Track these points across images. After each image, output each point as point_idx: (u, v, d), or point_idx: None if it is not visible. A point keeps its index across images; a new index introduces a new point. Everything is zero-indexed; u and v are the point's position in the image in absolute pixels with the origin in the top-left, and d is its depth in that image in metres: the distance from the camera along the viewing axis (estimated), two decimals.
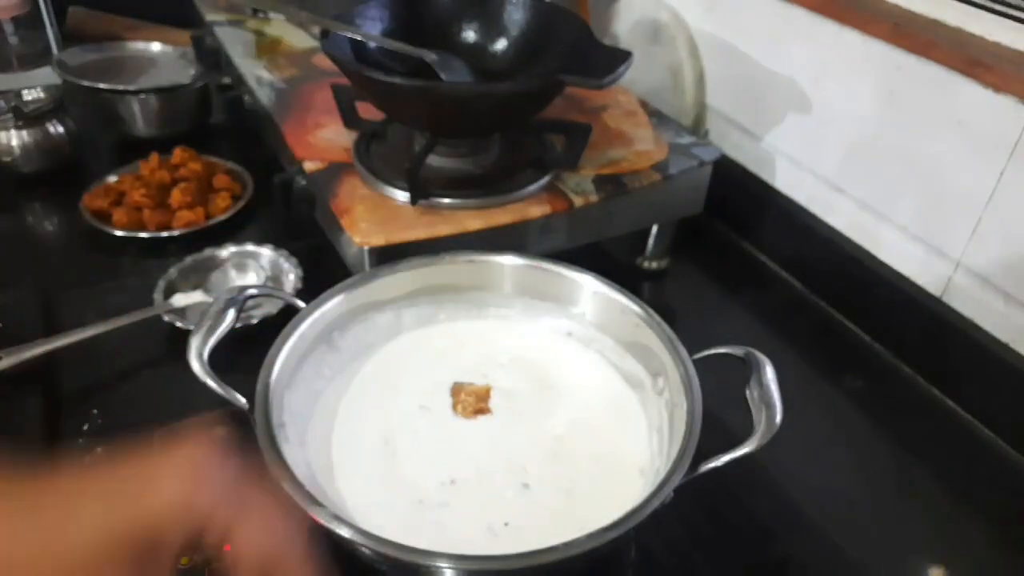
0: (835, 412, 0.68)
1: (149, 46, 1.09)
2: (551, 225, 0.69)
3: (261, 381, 0.48)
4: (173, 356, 0.68)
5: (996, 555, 0.57)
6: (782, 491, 0.60)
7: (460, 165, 0.71)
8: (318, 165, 0.71)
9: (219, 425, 0.61)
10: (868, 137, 0.72)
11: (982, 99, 0.61)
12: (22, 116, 0.89)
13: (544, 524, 0.47)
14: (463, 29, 0.76)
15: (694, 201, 0.78)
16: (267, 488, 0.35)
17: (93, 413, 0.62)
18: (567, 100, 0.84)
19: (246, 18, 1.01)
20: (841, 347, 0.75)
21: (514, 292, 0.60)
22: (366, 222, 0.63)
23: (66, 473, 0.33)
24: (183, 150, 0.90)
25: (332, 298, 0.55)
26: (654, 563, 0.54)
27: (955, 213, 0.66)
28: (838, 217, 0.78)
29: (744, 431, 0.46)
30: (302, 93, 0.83)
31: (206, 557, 0.49)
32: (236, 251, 0.78)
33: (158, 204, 0.84)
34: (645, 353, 0.55)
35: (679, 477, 0.43)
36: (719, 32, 0.86)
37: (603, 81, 0.59)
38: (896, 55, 0.67)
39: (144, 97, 0.96)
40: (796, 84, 0.78)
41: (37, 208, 0.90)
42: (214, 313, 0.51)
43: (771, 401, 0.47)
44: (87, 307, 0.73)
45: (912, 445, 0.64)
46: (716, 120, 0.91)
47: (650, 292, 0.81)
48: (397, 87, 0.61)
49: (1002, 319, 0.65)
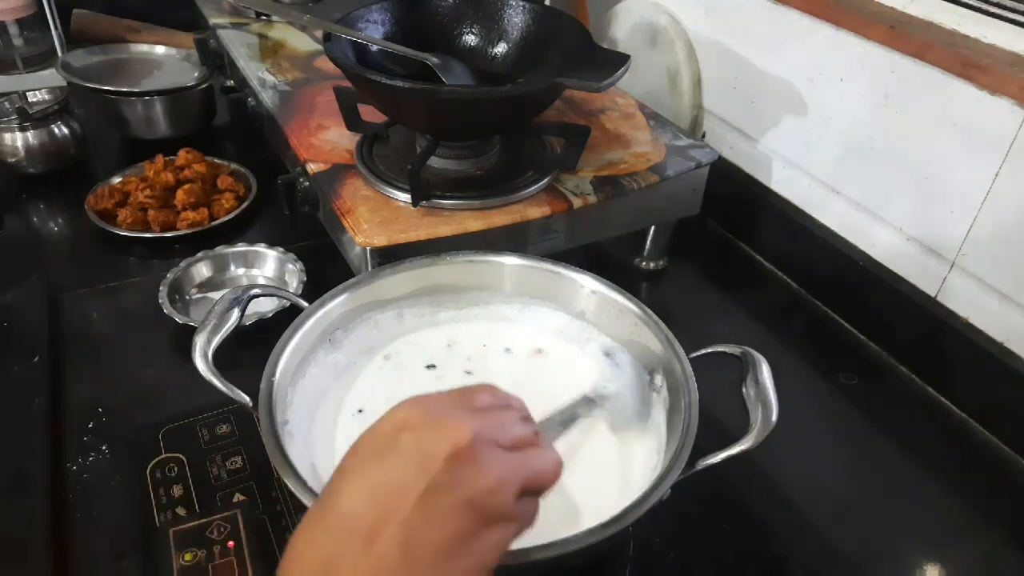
0: (830, 410, 0.68)
1: (153, 49, 1.10)
2: (550, 226, 0.70)
3: (265, 379, 0.49)
4: (178, 355, 0.68)
5: (991, 552, 0.57)
6: (778, 488, 0.60)
7: (461, 167, 0.71)
8: (321, 167, 0.71)
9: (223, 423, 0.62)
10: (864, 139, 0.73)
11: (977, 101, 0.62)
12: (27, 117, 0.89)
13: (543, 521, 0.48)
14: (464, 33, 0.77)
15: (691, 202, 0.79)
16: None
17: (98, 411, 0.63)
18: (566, 103, 0.85)
19: (249, 21, 1.01)
20: (837, 346, 0.75)
21: (514, 292, 0.61)
22: (368, 223, 0.64)
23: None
24: (188, 151, 0.91)
25: (335, 298, 0.56)
26: (652, 559, 0.55)
27: (950, 214, 0.67)
28: (834, 217, 0.79)
29: (740, 429, 0.47)
30: (305, 96, 0.84)
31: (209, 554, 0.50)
32: (240, 251, 0.78)
33: (163, 205, 0.85)
34: (643, 352, 0.56)
35: (676, 474, 0.44)
36: (716, 35, 0.87)
37: (601, 84, 0.59)
38: (892, 57, 0.68)
39: (149, 99, 0.97)
40: (792, 87, 0.79)
41: (42, 209, 0.91)
42: (219, 312, 0.52)
43: (767, 399, 0.48)
44: (92, 307, 0.74)
45: (907, 443, 0.65)
46: (713, 122, 0.91)
47: (648, 292, 0.82)
48: (399, 90, 0.62)
49: (997, 319, 0.65)
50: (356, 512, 0.31)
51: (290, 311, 0.56)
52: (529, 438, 0.37)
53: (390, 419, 0.34)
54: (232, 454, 0.59)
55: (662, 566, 0.54)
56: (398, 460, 0.32)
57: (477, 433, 0.33)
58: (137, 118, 0.98)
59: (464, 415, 0.35)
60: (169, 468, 0.58)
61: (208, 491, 0.56)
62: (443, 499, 0.31)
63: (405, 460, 0.32)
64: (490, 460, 0.33)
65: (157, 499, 0.56)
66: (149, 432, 0.61)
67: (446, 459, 0.32)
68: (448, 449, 0.32)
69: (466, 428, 0.33)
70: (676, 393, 0.50)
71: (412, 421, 0.34)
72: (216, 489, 0.57)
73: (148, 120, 0.98)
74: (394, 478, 0.32)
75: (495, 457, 0.34)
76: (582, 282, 0.59)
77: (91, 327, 0.72)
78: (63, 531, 0.54)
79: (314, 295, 0.56)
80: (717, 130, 0.91)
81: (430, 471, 0.31)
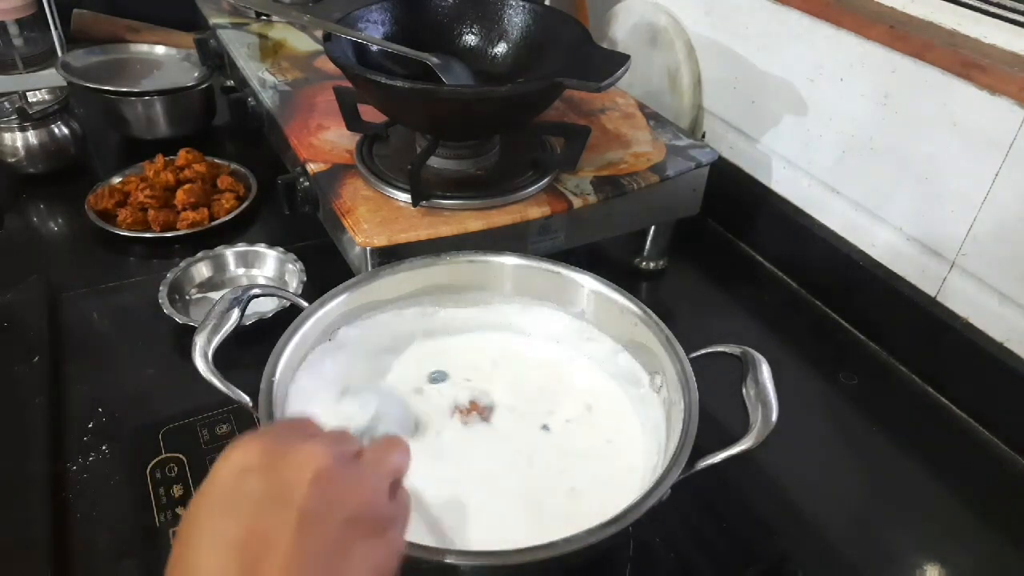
0: (830, 410, 0.68)
1: (153, 49, 1.10)
2: (550, 226, 0.70)
3: (265, 379, 0.49)
4: (178, 354, 0.68)
5: (991, 552, 0.57)
6: (778, 488, 0.60)
7: (461, 167, 0.71)
8: (321, 167, 0.71)
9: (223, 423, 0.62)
10: (864, 139, 0.73)
11: (977, 101, 0.62)
12: (27, 117, 0.89)
13: (543, 521, 0.48)
14: (464, 33, 0.77)
15: (691, 202, 0.79)
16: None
17: (98, 411, 0.63)
18: (566, 103, 0.85)
19: (249, 21, 1.01)
20: (836, 346, 0.75)
21: (514, 292, 0.61)
22: (368, 223, 0.64)
23: None
24: (188, 151, 0.91)
25: (335, 298, 0.56)
26: (652, 559, 0.55)
27: (950, 214, 0.67)
28: (833, 217, 0.79)
29: (740, 429, 0.47)
30: (305, 96, 0.84)
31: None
32: (240, 251, 0.78)
33: (163, 205, 0.85)
34: (643, 352, 0.56)
35: (676, 474, 0.44)
36: (716, 35, 0.87)
37: (601, 84, 0.59)
38: (892, 57, 0.68)
39: (149, 99, 0.97)
40: (792, 87, 0.79)
41: (42, 209, 0.91)
42: (219, 312, 0.52)
43: (767, 399, 0.48)
44: (92, 307, 0.74)
45: (907, 443, 0.65)
46: (713, 122, 0.91)
47: (648, 292, 0.82)
48: (399, 90, 0.62)
49: (996, 318, 0.65)
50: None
51: (290, 311, 0.56)
52: (362, 445, 0.36)
53: (225, 465, 0.31)
54: None
55: (662, 566, 0.54)
56: (250, 506, 0.29)
57: (332, 452, 0.32)
58: (137, 118, 0.98)
59: (306, 441, 0.32)
60: (169, 468, 0.58)
61: None
62: (322, 526, 0.29)
63: (259, 503, 0.29)
64: (355, 473, 0.32)
65: (157, 499, 0.56)
66: (149, 432, 0.61)
67: (310, 484, 0.30)
68: (309, 475, 0.30)
69: (319, 451, 0.31)
70: (676, 393, 0.50)
71: (251, 462, 0.31)
72: None
73: (148, 120, 0.98)
74: (254, 524, 0.29)
75: (357, 469, 0.33)
76: (582, 282, 0.59)
77: (91, 327, 0.72)
78: (63, 531, 0.54)
79: (314, 295, 0.56)
80: (717, 130, 0.91)
81: (295, 502, 0.29)
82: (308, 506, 0.29)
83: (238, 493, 0.30)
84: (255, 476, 0.30)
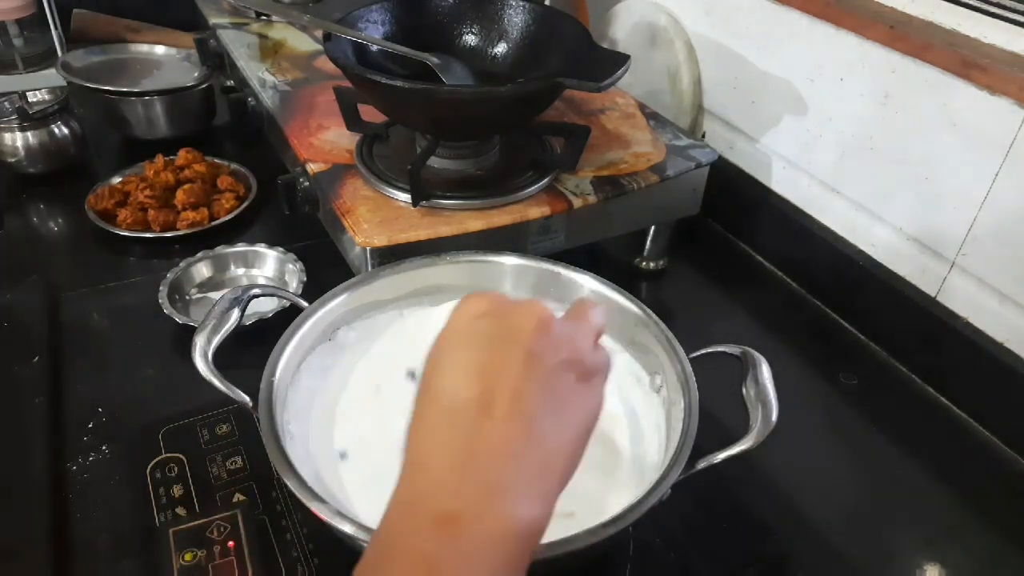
0: (830, 410, 0.68)
1: (153, 49, 1.10)
2: (550, 226, 0.70)
3: (265, 379, 0.49)
4: (178, 354, 0.68)
5: (990, 552, 0.57)
6: (778, 488, 0.60)
7: (461, 167, 0.71)
8: (321, 167, 0.71)
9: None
10: (863, 138, 0.73)
11: (977, 100, 0.62)
12: (27, 117, 0.89)
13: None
14: (464, 33, 0.77)
15: (691, 202, 0.79)
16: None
17: (98, 411, 0.63)
18: (566, 103, 0.85)
19: (249, 21, 1.01)
20: (836, 346, 0.75)
21: (514, 292, 0.61)
22: (368, 223, 0.64)
23: None
24: (188, 151, 0.91)
25: (335, 298, 0.56)
26: (652, 559, 0.55)
27: (950, 214, 0.67)
28: (833, 217, 0.79)
29: (740, 429, 0.47)
30: (305, 95, 0.84)
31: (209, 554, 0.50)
32: (240, 251, 0.78)
33: (163, 205, 0.85)
34: (643, 352, 0.56)
35: (676, 474, 0.44)
36: (716, 35, 0.87)
37: (601, 84, 0.59)
38: (892, 57, 0.68)
39: (149, 99, 0.97)
40: (792, 86, 0.79)
41: (42, 209, 0.91)
42: (218, 312, 0.52)
43: (767, 399, 0.48)
44: (92, 307, 0.74)
45: (907, 443, 0.65)
46: (713, 122, 0.91)
47: (648, 292, 0.82)
48: (399, 90, 0.62)
49: (996, 318, 0.65)
50: (463, 392, 0.33)
51: (290, 311, 0.56)
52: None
53: (462, 314, 0.36)
54: (232, 454, 0.59)
55: (662, 566, 0.54)
56: (485, 342, 0.35)
57: (548, 309, 0.37)
58: (137, 118, 0.98)
59: (523, 301, 0.37)
60: (169, 468, 0.58)
61: (208, 491, 0.56)
62: (544, 363, 0.34)
63: (493, 339, 0.35)
64: (568, 325, 0.37)
65: (157, 499, 0.56)
66: (149, 432, 0.61)
67: (534, 331, 0.35)
68: (533, 323, 0.35)
69: (539, 305, 0.36)
70: (676, 393, 0.50)
71: (485, 309, 0.36)
72: (216, 489, 0.57)
73: (148, 120, 0.98)
74: (490, 355, 0.34)
75: (567, 323, 0.38)
76: (582, 282, 0.59)
77: (91, 327, 0.72)
78: (63, 531, 0.54)
79: (314, 295, 0.56)
80: (717, 130, 0.91)
81: (524, 343, 0.34)
82: (533, 347, 0.34)
83: (475, 331, 0.35)
84: (488, 320, 0.36)
